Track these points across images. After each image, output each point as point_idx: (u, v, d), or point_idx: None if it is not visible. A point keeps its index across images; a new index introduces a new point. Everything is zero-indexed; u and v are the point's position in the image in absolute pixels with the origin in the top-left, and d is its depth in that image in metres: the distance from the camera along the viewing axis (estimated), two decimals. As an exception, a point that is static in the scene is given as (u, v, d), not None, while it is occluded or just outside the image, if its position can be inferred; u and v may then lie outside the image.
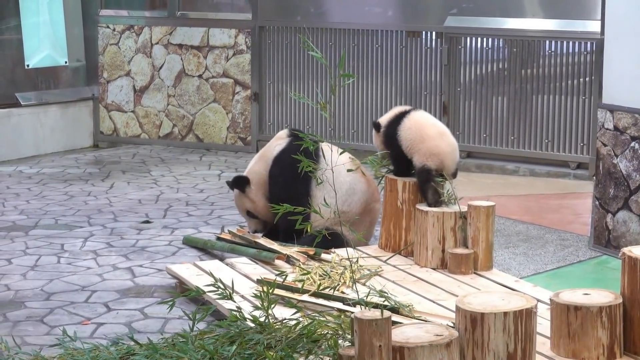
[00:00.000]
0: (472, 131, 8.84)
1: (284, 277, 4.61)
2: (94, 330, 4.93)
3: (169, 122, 10.14)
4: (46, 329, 4.95)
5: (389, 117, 5.90)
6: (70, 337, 4.20)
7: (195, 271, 5.45)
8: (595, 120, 8.08)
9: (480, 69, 8.82)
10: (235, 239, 6.08)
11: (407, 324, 3.86)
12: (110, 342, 4.31)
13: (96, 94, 10.42)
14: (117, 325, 5.00)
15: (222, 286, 4.32)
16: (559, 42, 8.48)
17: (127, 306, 5.29)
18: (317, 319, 4.14)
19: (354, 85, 9.29)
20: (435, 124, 5.84)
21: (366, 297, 4.38)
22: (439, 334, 3.64)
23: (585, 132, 8.37)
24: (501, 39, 8.70)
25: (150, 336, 4.36)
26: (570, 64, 8.45)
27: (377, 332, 3.47)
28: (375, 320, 3.46)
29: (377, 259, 5.61)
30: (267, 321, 4.14)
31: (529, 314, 3.77)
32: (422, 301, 4.88)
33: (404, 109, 5.90)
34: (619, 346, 4.11)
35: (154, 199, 7.83)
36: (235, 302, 4.41)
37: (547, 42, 8.53)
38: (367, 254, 5.70)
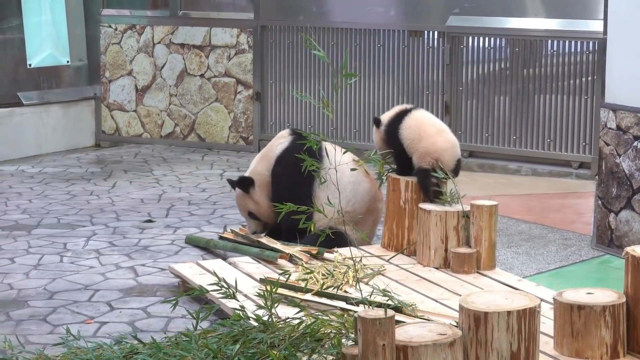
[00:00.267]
0: (474, 131, 8.84)
1: (287, 276, 4.60)
2: (97, 329, 4.93)
3: (171, 122, 10.14)
4: (49, 328, 4.95)
5: (391, 115, 5.90)
6: (74, 335, 4.20)
7: (198, 270, 5.45)
8: (597, 119, 8.08)
9: (482, 68, 8.82)
10: (237, 238, 6.08)
11: (411, 323, 3.86)
12: (113, 341, 4.31)
13: (98, 94, 10.42)
14: (120, 324, 5.00)
15: (225, 285, 4.32)
16: (561, 41, 8.48)
17: (130, 305, 5.29)
18: (321, 318, 4.14)
19: (356, 84, 9.29)
20: (434, 122, 5.85)
21: (370, 296, 4.37)
22: (443, 333, 3.64)
23: (587, 131, 8.37)
24: (503, 39, 8.70)
25: (153, 335, 4.36)
26: (572, 64, 8.45)
27: (380, 331, 3.46)
28: (378, 319, 3.46)
29: (379, 258, 5.61)
30: (270, 320, 4.14)
31: (533, 313, 3.76)
32: (425, 300, 4.88)
33: (406, 107, 5.90)
34: (623, 345, 4.11)
35: (156, 198, 7.83)
36: (238, 301, 4.41)
37: (549, 41, 8.53)
38: (370, 253, 5.70)
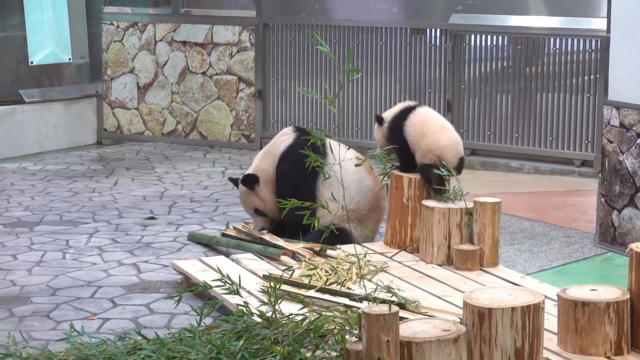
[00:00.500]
0: (476, 129, 8.84)
1: (291, 272, 4.60)
2: (100, 325, 4.93)
3: (173, 119, 10.14)
4: (52, 324, 4.95)
5: (394, 112, 5.90)
6: (77, 331, 4.19)
7: (201, 267, 5.45)
8: (600, 117, 8.07)
9: (484, 66, 8.82)
10: (240, 235, 6.08)
11: (414, 319, 3.85)
12: (116, 337, 4.31)
13: (100, 91, 10.42)
14: (123, 320, 5.00)
15: (229, 281, 4.31)
16: (563, 39, 8.48)
17: (133, 302, 5.29)
18: (324, 314, 4.14)
19: (358, 82, 9.29)
20: (438, 119, 5.85)
21: (373, 292, 4.37)
22: (447, 329, 3.63)
23: (589, 129, 8.37)
24: (506, 37, 8.70)
25: (156, 331, 4.36)
26: (574, 62, 8.44)
27: (384, 327, 3.46)
28: (383, 315, 3.46)
29: (382, 255, 5.61)
30: (274, 316, 4.14)
31: (537, 310, 3.76)
32: (428, 297, 4.88)
33: (410, 105, 5.90)
34: (627, 342, 4.10)
35: (159, 195, 7.83)
36: (242, 297, 4.41)
37: (551, 39, 8.53)
38: (373, 250, 5.70)
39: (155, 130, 10.23)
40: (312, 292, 4.74)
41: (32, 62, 9.91)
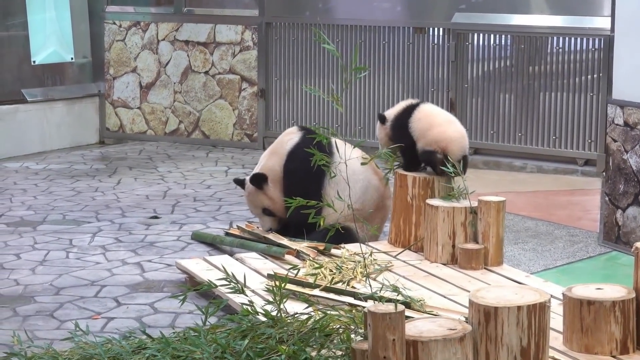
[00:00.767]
0: (479, 128, 8.83)
1: (296, 271, 4.60)
2: (104, 324, 4.92)
3: (175, 119, 10.13)
4: (56, 324, 4.94)
5: (398, 110, 5.89)
6: (82, 330, 4.19)
7: (205, 266, 5.44)
8: (603, 116, 8.06)
9: (487, 65, 8.81)
10: (244, 235, 6.07)
11: (420, 318, 3.85)
12: (121, 336, 4.30)
13: (102, 91, 10.41)
14: (127, 319, 4.99)
15: (234, 280, 4.31)
16: (566, 38, 8.47)
17: (137, 301, 5.29)
18: (329, 313, 4.13)
19: (361, 81, 9.28)
20: (443, 113, 5.91)
21: (379, 291, 4.37)
22: (452, 328, 3.63)
23: (593, 128, 8.36)
24: (509, 36, 8.69)
25: (161, 330, 4.35)
26: (577, 61, 8.43)
27: (390, 326, 3.45)
28: (389, 314, 3.45)
29: (387, 255, 5.60)
30: (279, 315, 4.13)
31: (543, 308, 3.75)
32: (432, 296, 4.87)
33: (413, 102, 5.91)
34: (632, 341, 4.10)
35: (162, 194, 7.82)
36: (247, 296, 4.40)
37: (554, 38, 8.52)
38: (377, 249, 5.69)
39: (157, 129, 10.22)
40: (317, 291, 4.73)
41: (34, 62, 9.90)
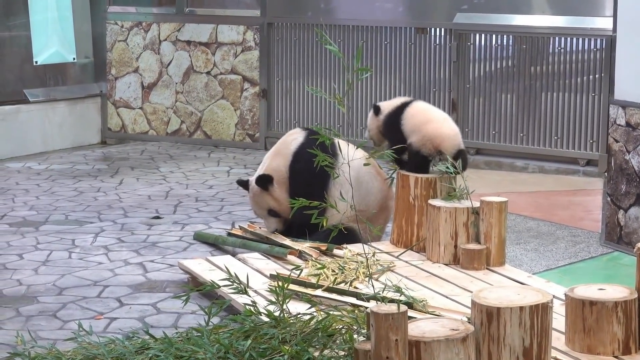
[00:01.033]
0: (481, 128, 8.84)
1: (299, 271, 4.60)
2: (107, 324, 4.93)
3: (177, 119, 10.14)
4: (59, 324, 4.95)
5: (393, 106, 5.90)
6: (86, 330, 4.19)
7: (207, 266, 5.45)
8: (605, 116, 8.07)
9: (489, 65, 8.81)
10: (246, 235, 6.08)
11: (422, 318, 3.85)
12: (124, 336, 4.31)
13: (104, 91, 10.42)
14: (130, 320, 5.00)
15: (236, 281, 4.32)
16: (568, 38, 8.47)
17: (140, 301, 5.29)
18: (332, 313, 4.14)
19: (363, 81, 9.28)
20: (436, 110, 5.96)
21: (382, 292, 4.37)
22: (455, 328, 3.64)
23: (594, 128, 8.36)
24: (510, 36, 8.69)
25: (164, 331, 4.36)
26: (579, 61, 8.43)
27: (393, 326, 3.46)
28: (391, 314, 3.46)
29: (389, 255, 5.61)
30: (281, 316, 4.14)
31: (545, 309, 3.76)
32: (435, 296, 4.88)
33: (407, 99, 5.94)
34: (635, 341, 4.10)
35: (164, 195, 7.83)
36: (250, 296, 4.41)
37: (556, 39, 8.52)
38: (380, 249, 5.70)
39: (159, 129, 10.23)
40: (319, 292, 4.74)
41: (36, 62, 9.91)
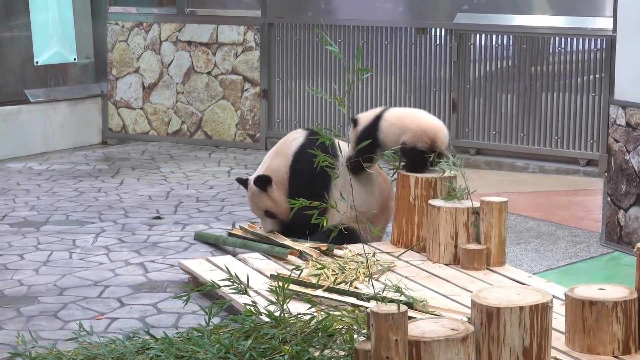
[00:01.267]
0: (481, 128, 8.84)
1: (299, 272, 4.61)
2: (107, 325, 4.93)
3: (178, 119, 10.15)
4: (60, 324, 4.96)
5: (368, 119, 5.89)
6: (87, 330, 4.20)
7: (208, 266, 5.46)
8: (605, 117, 8.08)
9: (489, 66, 8.82)
10: (246, 235, 6.08)
11: (422, 318, 3.86)
12: (125, 336, 4.31)
13: (105, 91, 10.43)
14: (130, 320, 5.00)
15: (237, 281, 4.32)
16: (568, 39, 8.48)
17: (141, 301, 5.30)
18: (332, 313, 4.14)
19: (363, 82, 9.29)
20: (415, 109, 6.08)
21: (382, 292, 4.38)
22: (455, 328, 3.64)
23: (595, 128, 8.37)
24: (511, 36, 8.70)
25: (164, 331, 4.36)
26: (579, 61, 8.44)
27: (393, 326, 3.46)
28: (391, 314, 3.47)
29: (389, 255, 5.61)
30: (282, 316, 4.15)
31: (545, 309, 3.76)
32: (435, 296, 4.88)
33: (379, 110, 5.94)
34: (635, 341, 4.11)
35: (164, 195, 7.84)
36: (250, 296, 4.41)
37: (556, 39, 8.53)
38: (380, 249, 5.71)
39: (160, 130, 10.24)
40: (320, 292, 4.74)
41: (37, 62, 9.92)
